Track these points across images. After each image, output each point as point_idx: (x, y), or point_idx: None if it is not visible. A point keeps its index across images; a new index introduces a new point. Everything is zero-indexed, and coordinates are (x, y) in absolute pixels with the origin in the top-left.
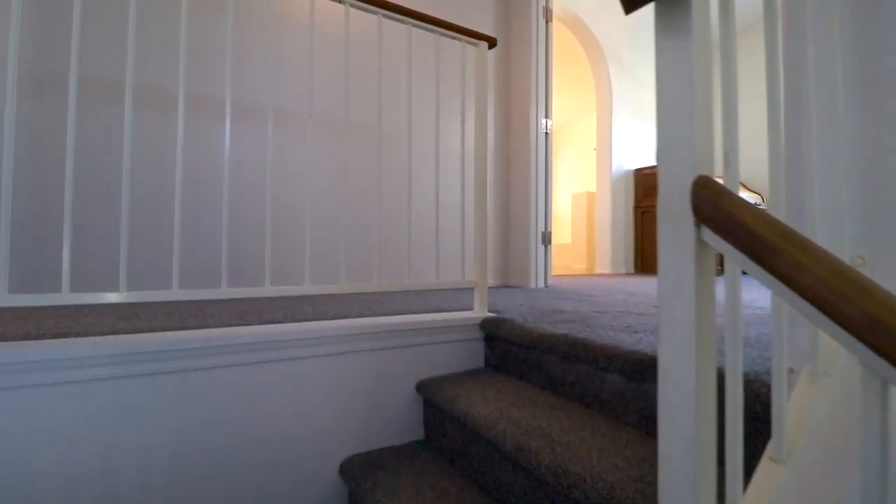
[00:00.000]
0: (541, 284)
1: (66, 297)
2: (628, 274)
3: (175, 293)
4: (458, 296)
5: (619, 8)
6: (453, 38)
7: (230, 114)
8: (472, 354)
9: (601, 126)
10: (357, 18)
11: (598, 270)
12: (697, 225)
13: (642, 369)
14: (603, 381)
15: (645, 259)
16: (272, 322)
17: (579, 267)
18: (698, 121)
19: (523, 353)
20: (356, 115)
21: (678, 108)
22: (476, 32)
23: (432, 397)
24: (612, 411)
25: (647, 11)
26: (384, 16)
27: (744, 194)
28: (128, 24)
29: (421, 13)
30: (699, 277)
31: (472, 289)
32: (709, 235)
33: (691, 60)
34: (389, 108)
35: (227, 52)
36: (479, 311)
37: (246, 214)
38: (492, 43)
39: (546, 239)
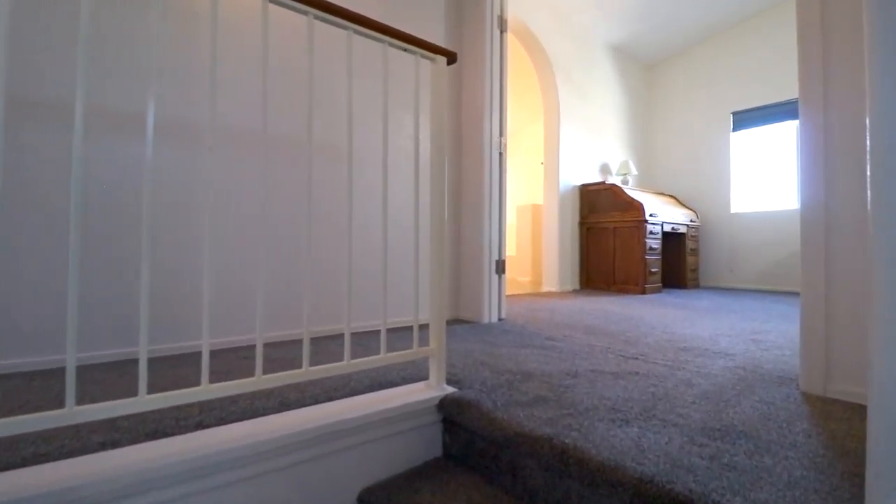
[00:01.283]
0: (494, 318)
1: None
2: (575, 292)
3: None
4: (407, 340)
5: (569, 22)
6: (405, 49)
7: (104, 125)
8: (428, 443)
9: (548, 140)
10: (286, 19)
11: (546, 288)
12: None
13: None
14: None
15: (590, 276)
16: (153, 435)
17: (524, 280)
18: None
19: (493, 449)
20: (285, 130)
21: None
22: (433, 45)
23: None
24: None
25: (593, 26)
26: (315, 17)
27: (679, 210)
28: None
29: (365, 17)
30: None
31: (427, 323)
32: None
33: None
34: (324, 124)
35: (80, 45)
36: (437, 386)
37: (128, 255)
38: (451, 58)
39: (500, 268)
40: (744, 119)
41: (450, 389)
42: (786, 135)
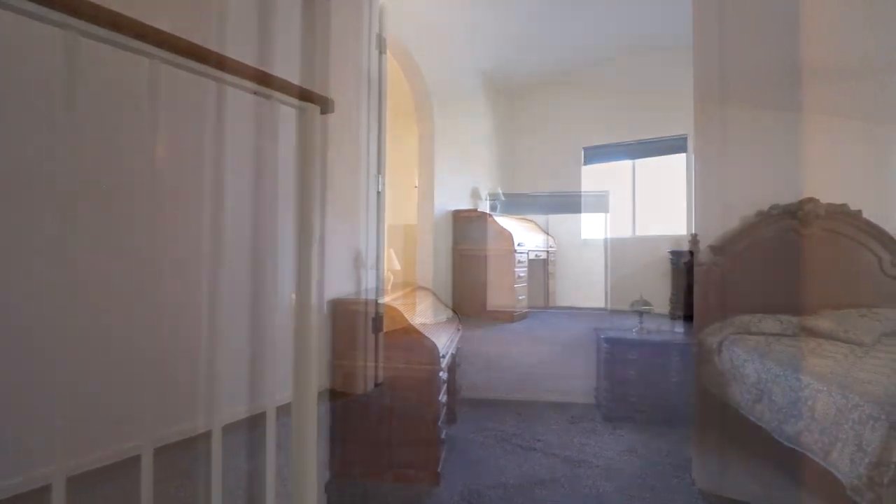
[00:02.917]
0: (371, 385)
1: None
2: (449, 322)
3: None
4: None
5: (443, 45)
6: (255, 92)
7: None
8: None
9: (423, 164)
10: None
11: (419, 319)
12: None
13: None
14: None
15: (463, 302)
16: None
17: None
18: None
19: None
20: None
21: None
22: (301, 89)
23: None
24: None
25: (465, 52)
26: (81, 33)
27: (540, 236)
28: None
29: (177, 38)
30: None
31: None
32: None
33: None
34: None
35: None
36: None
37: None
38: (327, 107)
39: (378, 326)
40: (594, 154)
41: None
42: (625, 172)
